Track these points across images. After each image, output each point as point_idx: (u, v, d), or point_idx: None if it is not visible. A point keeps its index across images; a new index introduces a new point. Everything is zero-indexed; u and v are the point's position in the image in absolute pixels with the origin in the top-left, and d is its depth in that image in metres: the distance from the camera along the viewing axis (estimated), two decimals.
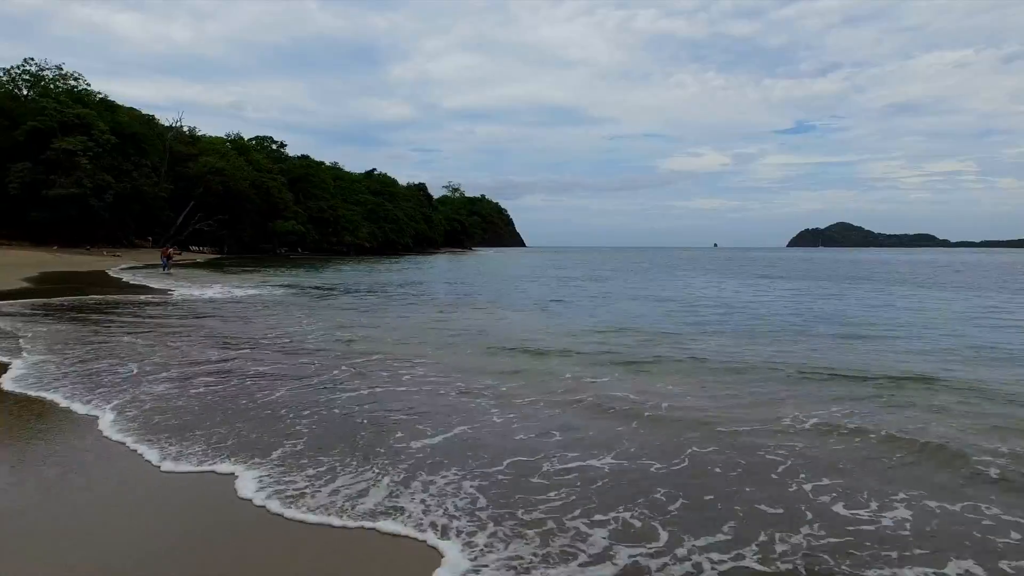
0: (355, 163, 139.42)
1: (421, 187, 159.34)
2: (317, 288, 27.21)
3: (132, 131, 61.48)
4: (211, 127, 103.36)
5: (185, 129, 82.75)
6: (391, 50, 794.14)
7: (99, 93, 63.25)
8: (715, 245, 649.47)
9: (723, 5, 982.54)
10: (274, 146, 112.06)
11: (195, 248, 70.71)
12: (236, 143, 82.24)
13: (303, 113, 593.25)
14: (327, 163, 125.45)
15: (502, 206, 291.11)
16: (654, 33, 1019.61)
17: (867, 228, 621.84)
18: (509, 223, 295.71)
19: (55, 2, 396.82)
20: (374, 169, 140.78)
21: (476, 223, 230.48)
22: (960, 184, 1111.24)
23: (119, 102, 74.48)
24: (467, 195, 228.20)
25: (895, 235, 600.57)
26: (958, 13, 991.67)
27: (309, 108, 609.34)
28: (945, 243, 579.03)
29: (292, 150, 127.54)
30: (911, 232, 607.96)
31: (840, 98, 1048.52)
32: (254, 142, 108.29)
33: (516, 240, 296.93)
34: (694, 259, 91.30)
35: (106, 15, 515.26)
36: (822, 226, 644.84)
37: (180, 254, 34.15)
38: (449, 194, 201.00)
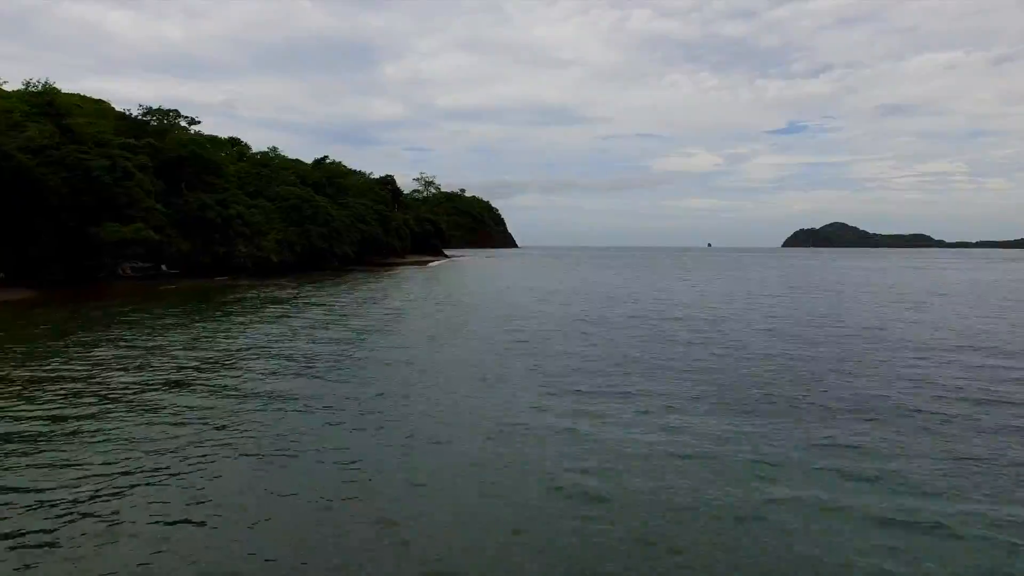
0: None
1: (387, 180, 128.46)
2: None
3: None
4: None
5: None
6: (385, 49, 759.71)
7: None
8: (709, 245, 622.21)
9: (717, 6, 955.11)
10: (183, 122, 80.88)
11: None
12: (39, 98, 50.64)
13: (296, 112, 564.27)
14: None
15: (493, 205, 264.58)
16: (648, 33, 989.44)
17: (862, 228, 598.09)
18: (500, 223, 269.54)
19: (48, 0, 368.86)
20: (325, 157, 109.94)
21: (461, 223, 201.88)
22: (951, 184, 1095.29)
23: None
24: (444, 190, 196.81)
25: (891, 235, 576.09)
26: (949, 15, 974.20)
27: (302, 107, 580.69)
28: (941, 243, 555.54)
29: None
30: (907, 232, 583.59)
31: (832, 99, 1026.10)
32: (153, 119, 76.75)
33: (507, 241, 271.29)
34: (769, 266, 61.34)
35: (99, 13, 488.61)
36: (817, 226, 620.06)
37: None
38: (420, 188, 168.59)
